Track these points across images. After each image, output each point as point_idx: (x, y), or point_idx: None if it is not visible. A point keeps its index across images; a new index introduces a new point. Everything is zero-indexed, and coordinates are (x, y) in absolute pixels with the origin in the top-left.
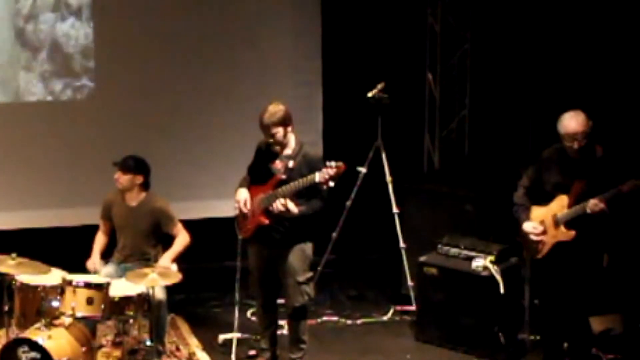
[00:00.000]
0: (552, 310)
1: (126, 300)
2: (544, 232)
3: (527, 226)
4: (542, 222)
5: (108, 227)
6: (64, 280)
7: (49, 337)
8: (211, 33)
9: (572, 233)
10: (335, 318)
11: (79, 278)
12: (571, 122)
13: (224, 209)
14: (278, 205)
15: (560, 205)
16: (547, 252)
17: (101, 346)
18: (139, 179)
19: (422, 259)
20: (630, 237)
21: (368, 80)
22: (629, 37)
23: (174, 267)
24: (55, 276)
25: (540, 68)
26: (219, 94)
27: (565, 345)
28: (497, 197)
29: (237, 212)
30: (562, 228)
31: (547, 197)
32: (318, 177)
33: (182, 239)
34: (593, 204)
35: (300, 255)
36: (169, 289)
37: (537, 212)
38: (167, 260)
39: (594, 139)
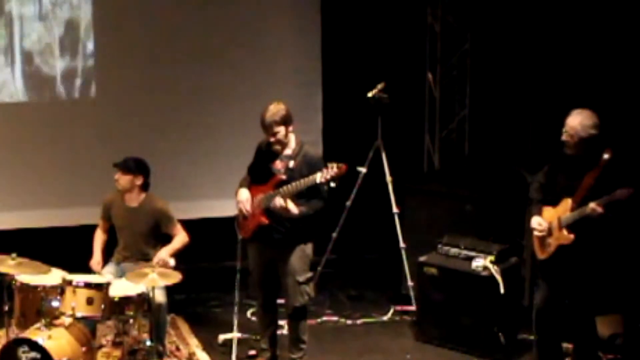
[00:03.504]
0: (553, 312)
1: (126, 300)
2: (550, 233)
3: (534, 221)
4: (550, 223)
5: (107, 227)
6: (64, 280)
7: (49, 337)
8: (211, 33)
9: (571, 237)
10: (335, 318)
11: (79, 278)
12: (572, 115)
13: (224, 209)
14: (278, 205)
15: (564, 208)
16: (551, 254)
17: (101, 346)
18: (139, 180)
19: (422, 259)
20: (630, 238)
21: (368, 80)
22: (630, 36)
23: (172, 261)
24: (55, 276)
25: (540, 68)
26: (219, 93)
27: (567, 346)
28: (497, 197)
29: (238, 212)
30: (564, 231)
31: (557, 199)
32: (319, 177)
33: (181, 238)
34: (591, 209)
35: (300, 255)
36: (169, 289)
37: (548, 213)
38: (165, 253)
39: (598, 145)
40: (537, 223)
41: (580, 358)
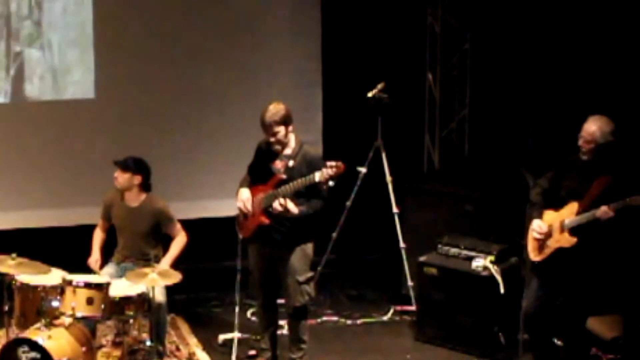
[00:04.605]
0: (545, 312)
1: (126, 300)
2: (549, 235)
3: (534, 224)
4: (550, 226)
5: (107, 227)
6: (64, 280)
7: (49, 337)
8: (211, 33)
9: (574, 240)
10: (335, 318)
11: (79, 278)
12: (589, 121)
13: (224, 209)
14: (277, 205)
15: (570, 211)
16: (548, 256)
17: (101, 346)
18: (138, 179)
19: (422, 259)
20: (630, 240)
21: (368, 80)
22: (630, 36)
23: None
24: (55, 276)
25: (540, 68)
26: (219, 94)
27: (560, 345)
28: (497, 197)
29: (239, 211)
30: (566, 234)
31: (561, 203)
32: (318, 176)
33: (179, 241)
34: (603, 212)
35: (300, 255)
36: (169, 289)
37: (548, 216)
38: (165, 264)
39: (611, 151)
40: (538, 226)
41: (572, 356)
